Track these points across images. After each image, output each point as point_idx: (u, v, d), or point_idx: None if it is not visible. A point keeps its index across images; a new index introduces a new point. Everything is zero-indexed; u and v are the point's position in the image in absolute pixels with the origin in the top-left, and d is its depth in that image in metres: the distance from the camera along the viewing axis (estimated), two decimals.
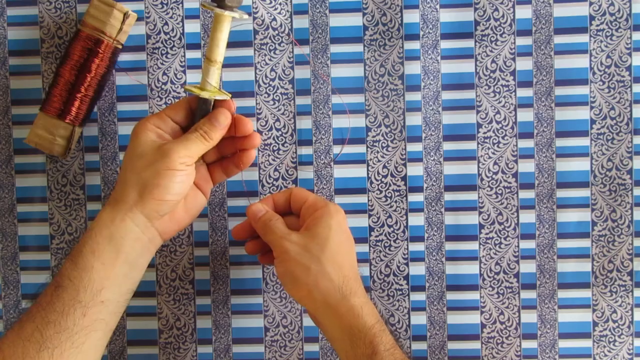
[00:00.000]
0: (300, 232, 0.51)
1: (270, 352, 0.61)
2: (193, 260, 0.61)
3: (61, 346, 0.45)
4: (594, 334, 0.60)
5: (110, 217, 0.48)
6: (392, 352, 0.48)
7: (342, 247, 0.51)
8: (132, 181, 0.48)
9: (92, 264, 0.47)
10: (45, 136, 0.57)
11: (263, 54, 0.60)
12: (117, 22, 0.56)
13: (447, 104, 0.59)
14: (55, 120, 0.57)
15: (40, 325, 0.45)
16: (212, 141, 0.51)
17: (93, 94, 0.58)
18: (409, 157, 0.60)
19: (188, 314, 0.61)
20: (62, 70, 0.57)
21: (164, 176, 0.48)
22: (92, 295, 0.46)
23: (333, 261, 0.49)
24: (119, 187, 0.49)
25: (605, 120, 0.59)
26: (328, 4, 0.59)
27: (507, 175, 0.59)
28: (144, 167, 0.48)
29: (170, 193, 0.48)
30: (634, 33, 0.58)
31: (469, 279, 0.60)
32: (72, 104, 0.57)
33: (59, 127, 0.57)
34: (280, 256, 0.50)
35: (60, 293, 0.46)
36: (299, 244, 0.50)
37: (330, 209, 0.51)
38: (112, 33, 0.56)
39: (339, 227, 0.51)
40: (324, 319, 0.50)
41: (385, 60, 0.59)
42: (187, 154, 0.49)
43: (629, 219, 0.59)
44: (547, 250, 0.59)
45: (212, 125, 0.51)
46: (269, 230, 0.51)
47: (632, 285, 0.59)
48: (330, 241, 0.50)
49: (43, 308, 0.46)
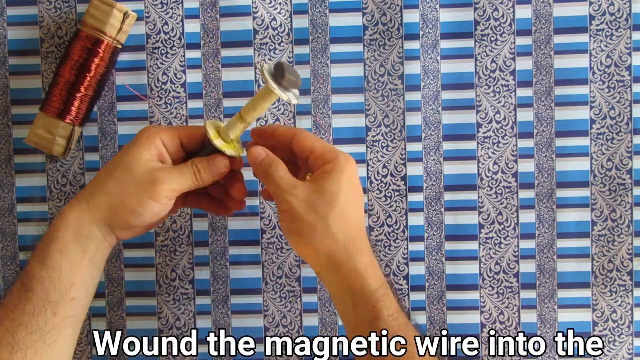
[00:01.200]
0: (307, 185, 0.47)
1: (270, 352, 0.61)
2: (193, 260, 0.61)
3: (34, 346, 0.44)
4: (594, 334, 0.60)
5: (76, 216, 0.47)
6: (395, 317, 0.46)
7: (351, 205, 0.47)
8: (110, 191, 0.47)
9: (60, 263, 0.46)
10: (45, 136, 0.57)
11: (263, 54, 0.60)
12: (117, 22, 0.56)
13: (447, 104, 0.59)
14: (55, 120, 0.57)
15: (10, 328, 0.45)
16: (202, 183, 0.49)
17: (93, 94, 0.58)
18: (409, 157, 0.60)
19: (188, 314, 0.61)
20: (62, 70, 0.57)
21: (144, 204, 0.47)
22: (62, 294, 0.46)
23: (340, 221, 0.47)
24: (95, 188, 0.48)
25: (605, 120, 0.59)
26: (328, 4, 0.59)
27: (507, 175, 0.59)
28: (129, 185, 0.47)
29: (142, 221, 0.47)
30: (634, 33, 0.58)
31: (469, 279, 0.60)
32: (72, 104, 0.57)
33: (59, 127, 0.57)
34: (284, 212, 0.47)
35: (30, 296, 0.45)
36: (305, 200, 0.46)
37: (341, 163, 0.47)
38: (112, 33, 0.56)
39: (350, 183, 0.47)
40: (327, 277, 0.48)
41: (385, 60, 0.59)
42: (175, 189, 0.47)
43: (629, 219, 0.59)
44: (547, 250, 0.59)
45: (208, 168, 0.49)
46: (271, 180, 0.48)
47: (632, 285, 0.59)
48: (339, 199, 0.46)
49: (12, 310, 0.45)
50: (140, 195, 0.46)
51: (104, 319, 0.61)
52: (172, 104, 0.60)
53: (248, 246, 0.60)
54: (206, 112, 0.60)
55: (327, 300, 0.60)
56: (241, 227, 0.60)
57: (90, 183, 0.49)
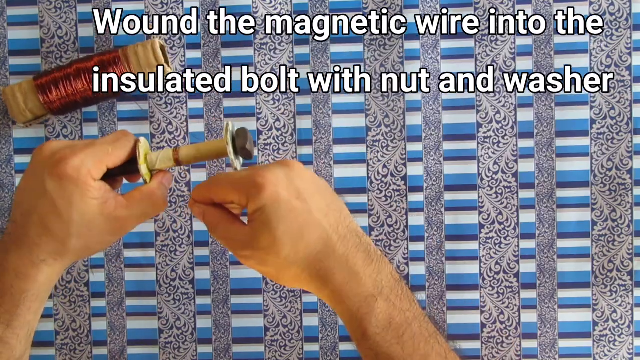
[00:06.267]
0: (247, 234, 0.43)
1: (270, 352, 0.61)
2: (193, 260, 0.61)
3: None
4: (594, 334, 0.60)
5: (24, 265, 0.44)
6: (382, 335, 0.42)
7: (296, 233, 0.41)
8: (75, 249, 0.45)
9: (27, 319, 0.45)
10: (19, 103, 0.57)
11: (263, 54, 0.60)
12: (147, 70, 0.56)
13: (447, 103, 0.59)
14: (36, 98, 0.56)
15: None
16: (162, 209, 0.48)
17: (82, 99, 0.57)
18: (409, 157, 0.60)
19: (188, 313, 0.61)
20: (76, 65, 0.56)
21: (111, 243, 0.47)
22: (27, 344, 0.46)
23: (292, 253, 0.42)
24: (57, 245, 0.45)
25: (605, 120, 0.59)
26: (328, 4, 0.59)
27: (507, 175, 0.59)
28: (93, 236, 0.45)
29: (103, 249, 0.47)
30: (634, 33, 0.58)
31: (469, 279, 0.60)
32: (58, 94, 0.56)
33: (35, 106, 0.57)
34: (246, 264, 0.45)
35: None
36: (251, 256, 0.43)
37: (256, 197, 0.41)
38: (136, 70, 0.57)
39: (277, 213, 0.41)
40: None
41: (386, 60, 0.59)
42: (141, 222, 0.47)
43: (629, 219, 0.59)
44: (547, 250, 0.59)
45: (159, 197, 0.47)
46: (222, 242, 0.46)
47: (632, 285, 0.59)
48: (277, 240, 0.41)
49: None
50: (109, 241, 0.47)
51: (104, 318, 0.61)
52: (172, 103, 0.60)
53: None
54: (206, 112, 0.60)
55: None
56: None
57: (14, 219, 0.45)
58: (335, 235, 0.43)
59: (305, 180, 0.43)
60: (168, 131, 0.60)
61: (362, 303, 0.42)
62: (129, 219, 0.46)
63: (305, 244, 0.42)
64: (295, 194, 0.42)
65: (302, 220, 0.42)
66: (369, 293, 0.42)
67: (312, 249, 0.42)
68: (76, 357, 0.61)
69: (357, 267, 0.43)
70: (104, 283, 0.61)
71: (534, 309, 0.60)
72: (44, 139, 0.60)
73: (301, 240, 0.42)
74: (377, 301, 0.42)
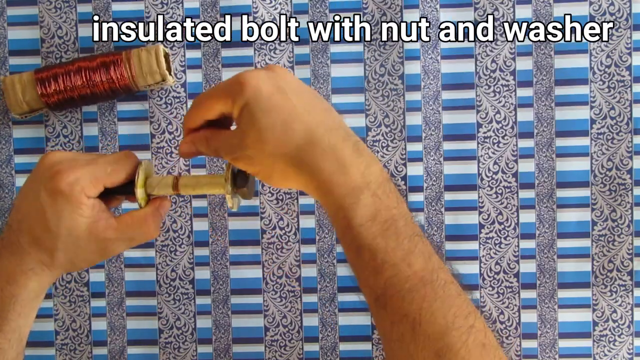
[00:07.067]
0: (234, 135, 0.43)
1: (270, 352, 0.61)
2: (193, 260, 0.61)
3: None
4: (594, 334, 0.60)
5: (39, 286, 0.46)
6: (368, 226, 0.41)
7: (279, 125, 0.41)
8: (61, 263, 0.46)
9: (18, 324, 0.46)
10: (17, 93, 0.57)
11: (263, 54, 0.60)
12: (148, 75, 0.56)
13: (447, 103, 0.59)
14: (34, 91, 0.56)
15: None
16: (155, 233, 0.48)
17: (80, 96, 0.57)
18: (409, 157, 0.60)
19: (188, 313, 0.61)
20: (78, 63, 0.56)
21: (95, 262, 0.47)
22: (19, 348, 0.46)
23: (275, 147, 0.42)
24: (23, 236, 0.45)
25: (605, 120, 0.59)
26: (328, 4, 0.59)
27: (507, 175, 0.59)
28: (76, 251, 0.46)
29: (88, 267, 0.48)
30: (634, 33, 0.58)
31: (469, 279, 0.60)
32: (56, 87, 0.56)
33: (33, 99, 0.57)
34: None
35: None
36: (241, 157, 0.43)
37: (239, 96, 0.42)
38: (138, 81, 0.56)
39: (258, 106, 0.41)
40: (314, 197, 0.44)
41: (385, 60, 0.59)
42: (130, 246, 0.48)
43: (629, 219, 0.59)
44: (547, 250, 0.59)
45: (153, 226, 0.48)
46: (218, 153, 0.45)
47: (632, 285, 0.59)
48: (258, 127, 0.41)
49: None
50: (96, 260, 0.47)
51: (104, 318, 0.61)
52: (172, 103, 0.60)
53: (248, 246, 0.60)
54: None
55: (327, 299, 0.60)
56: (241, 227, 0.60)
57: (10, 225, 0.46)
58: (321, 128, 0.42)
59: (288, 80, 0.43)
60: (168, 131, 0.60)
61: (348, 192, 0.41)
62: (116, 242, 0.46)
63: (289, 137, 0.41)
64: (277, 89, 0.42)
65: (286, 114, 0.42)
66: (356, 184, 0.41)
67: (296, 142, 0.41)
68: (76, 357, 0.61)
69: (344, 159, 0.42)
70: (104, 283, 0.61)
71: (534, 309, 0.60)
72: (44, 138, 0.60)
73: (284, 134, 0.41)
74: (364, 193, 0.41)
